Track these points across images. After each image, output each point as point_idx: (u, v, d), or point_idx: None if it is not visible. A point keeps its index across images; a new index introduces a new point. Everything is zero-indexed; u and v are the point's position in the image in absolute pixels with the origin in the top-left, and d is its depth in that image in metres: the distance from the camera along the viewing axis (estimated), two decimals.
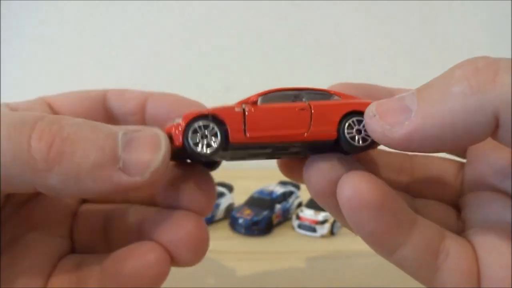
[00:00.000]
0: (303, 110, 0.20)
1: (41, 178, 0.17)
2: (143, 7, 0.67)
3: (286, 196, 0.47)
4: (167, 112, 0.24)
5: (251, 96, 0.20)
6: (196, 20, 0.68)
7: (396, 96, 0.18)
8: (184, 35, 0.68)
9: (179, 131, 0.19)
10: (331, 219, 0.41)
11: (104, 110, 0.26)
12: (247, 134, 0.19)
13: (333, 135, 0.19)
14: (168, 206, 0.22)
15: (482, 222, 0.21)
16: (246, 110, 0.20)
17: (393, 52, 0.69)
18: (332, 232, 0.41)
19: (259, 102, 0.20)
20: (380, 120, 0.18)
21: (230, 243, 0.41)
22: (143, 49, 0.68)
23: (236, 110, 0.20)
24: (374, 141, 0.19)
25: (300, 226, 0.42)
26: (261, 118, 0.20)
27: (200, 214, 0.22)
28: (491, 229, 0.20)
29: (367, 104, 0.19)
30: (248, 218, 0.42)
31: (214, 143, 0.19)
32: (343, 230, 0.43)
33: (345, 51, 0.69)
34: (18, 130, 0.17)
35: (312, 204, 0.44)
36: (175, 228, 0.21)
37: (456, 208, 0.23)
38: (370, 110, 0.19)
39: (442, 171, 0.23)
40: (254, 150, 0.20)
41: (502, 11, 0.67)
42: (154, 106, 0.25)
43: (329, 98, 0.21)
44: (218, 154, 0.19)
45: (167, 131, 0.20)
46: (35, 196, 0.23)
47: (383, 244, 0.19)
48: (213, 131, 0.19)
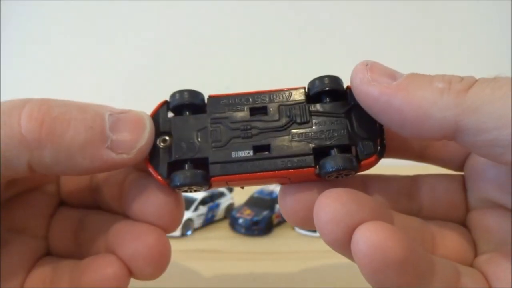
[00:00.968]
0: None
1: (34, 156, 0.18)
2: (143, 7, 0.67)
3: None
4: None
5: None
6: (196, 20, 0.68)
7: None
8: (184, 35, 0.68)
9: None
10: None
11: None
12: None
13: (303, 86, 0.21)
14: (134, 217, 0.22)
15: (493, 246, 0.21)
16: None
17: (392, 51, 0.69)
18: None
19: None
20: (368, 70, 0.19)
21: (230, 243, 0.41)
22: (143, 49, 0.68)
23: None
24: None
25: None
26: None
27: (164, 230, 0.22)
28: (503, 256, 0.19)
29: None
30: (248, 218, 0.42)
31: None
32: None
33: (345, 51, 0.69)
34: (7, 114, 0.17)
35: None
36: (135, 241, 0.21)
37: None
38: (364, 60, 0.20)
39: (449, 190, 0.23)
40: (230, 106, 0.21)
41: (502, 11, 0.67)
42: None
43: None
44: (195, 94, 0.21)
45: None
46: (14, 196, 0.23)
47: None
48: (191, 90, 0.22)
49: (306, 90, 0.21)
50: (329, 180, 0.20)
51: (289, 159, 0.20)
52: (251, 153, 0.20)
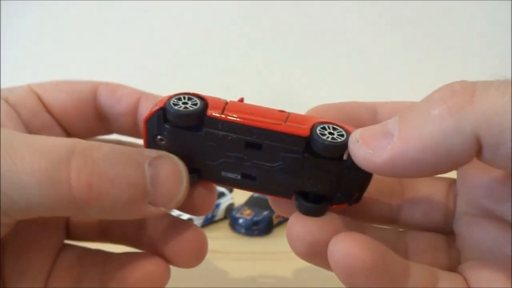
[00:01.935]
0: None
1: (80, 212, 0.19)
2: (143, 7, 0.67)
3: None
4: None
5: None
6: (196, 20, 0.68)
7: (380, 123, 0.18)
8: (184, 34, 0.68)
9: (167, 96, 0.21)
10: None
11: (94, 107, 0.26)
12: (224, 112, 0.20)
13: (305, 133, 0.20)
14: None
15: (478, 254, 0.21)
16: (228, 100, 0.21)
17: (393, 51, 0.69)
18: None
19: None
20: (363, 145, 0.18)
21: (230, 243, 0.41)
22: (143, 49, 0.68)
23: (220, 99, 0.21)
24: (345, 143, 0.19)
25: None
26: (240, 107, 0.21)
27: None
28: (487, 264, 0.19)
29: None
30: (248, 218, 0.42)
31: (190, 107, 0.20)
32: None
33: (345, 51, 0.69)
34: (56, 169, 0.17)
35: None
36: (178, 238, 0.23)
37: (446, 232, 0.23)
38: (354, 136, 0.19)
39: (432, 192, 0.23)
40: (226, 134, 0.20)
41: (502, 11, 0.67)
42: (147, 109, 0.25)
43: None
44: (190, 119, 0.20)
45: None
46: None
47: None
48: (194, 101, 0.21)
49: (307, 141, 0.20)
50: None
51: (271, 191, 0.22)
52: (239, 177, 0.21)
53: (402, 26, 0.69)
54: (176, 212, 0.25)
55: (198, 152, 0.21)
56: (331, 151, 0.19)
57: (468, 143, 0.16)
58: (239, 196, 0.47)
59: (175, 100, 0.20)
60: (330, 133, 0.20)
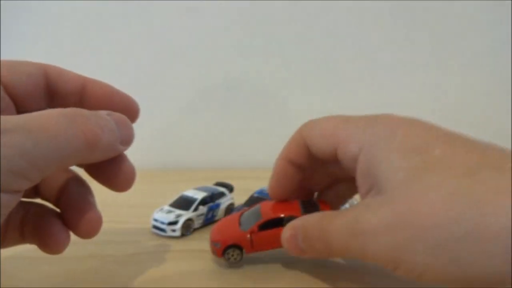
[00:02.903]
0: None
1: (90, 153, 0.24)
2: (144, 8, 0.67)
3: None
4: (102, 101, 0.29)
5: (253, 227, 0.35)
6: (196, 21, 0.68)
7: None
8: (184, 35, 0.68)
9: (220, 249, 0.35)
10: None
11: (45, 87, 0.29)
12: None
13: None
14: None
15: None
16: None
17: (392, 51, 0.69)
18: None
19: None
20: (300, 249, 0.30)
21: None
22: (143, 49, 0.68)
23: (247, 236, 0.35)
24: None
25: None
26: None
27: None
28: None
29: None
30: None
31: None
32: None
33: (345, 51, 0.69)
34: (73, 126, 0.23)
35: None
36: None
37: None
38: (290, 233, 0.31)
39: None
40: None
41: (502, 11, 0.67)
42: (92, 93, 0.30)
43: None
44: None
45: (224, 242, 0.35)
46: None
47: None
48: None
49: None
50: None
51: None
52: None
53: (402, 27, 0.69)
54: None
55: None
56: None
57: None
58: (239, 196, 0.47)
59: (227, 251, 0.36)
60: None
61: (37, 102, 0.28)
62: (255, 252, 0.35)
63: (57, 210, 0.28)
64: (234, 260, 0.35)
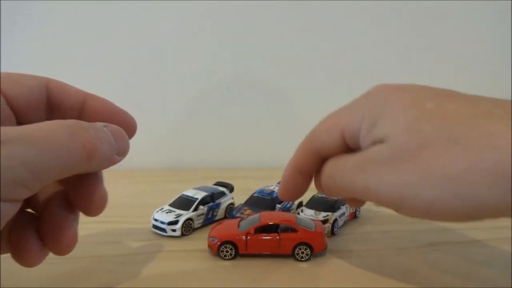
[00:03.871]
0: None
1: (88, 164, 0.25)
2: (143, 7, 0.67)
3: None
4: (101, 116, 0.29)
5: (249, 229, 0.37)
6: (196, 20, 0.68)
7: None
8: (184, 35, 0.68)
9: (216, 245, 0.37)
10: (331, 219, 0.41)
11: (46, 101, 0.29)
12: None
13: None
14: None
15: None
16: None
17: (392, 50, 0.69)
18: (332, 232, 0.41)
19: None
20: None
21: None
22: (143, 49, 0.68)
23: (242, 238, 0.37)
24: None
25: None
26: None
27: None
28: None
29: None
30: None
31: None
32: (343, 230, 0.43)
33: (345, 51, 0.69)
34: (73, 138, 0.24)
35: (313, 204, 0.44)
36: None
37: None
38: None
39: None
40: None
41: (502, 11, 0.67)
42: (92, 108, 0.30)
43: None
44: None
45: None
46: None
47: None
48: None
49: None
50: None
51: None
52: None
53: (401, 26, 0.69)
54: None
55: None
56: None
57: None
58: (240, 196, 0.47)
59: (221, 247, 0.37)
60: None
61: (37, 114, 0.28)
62: (249, 253, 0.37)
63: (35, 224, 0.28)
64: (228, 257, 0.37)
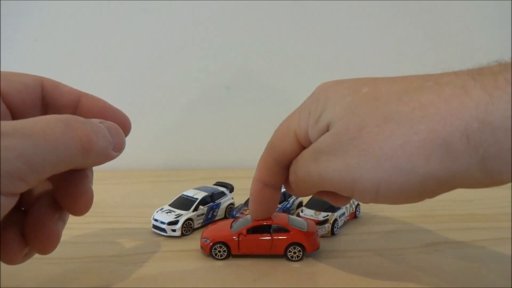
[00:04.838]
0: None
1: (84, 160, 0.25)
2: (143, 7, 0.67)
3: (286, 196, 0.47)
4: (96, 115, 0.29)
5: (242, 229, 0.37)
6: (196, 20, 0.68)
7: None
8: (184, 35, 0.68)
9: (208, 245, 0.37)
10: (331, 219, 0.41)
11: (41, 98, 0.30)
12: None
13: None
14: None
15: None
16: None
17: (392, 51, 0.69)
18: (332, 232, 0.41)
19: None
20: None
21: None
22: (143, 49, 0.68)
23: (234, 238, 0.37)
24: None
25: None
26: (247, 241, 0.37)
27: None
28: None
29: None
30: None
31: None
32: (343, 230, 0.43)
33: (345, 51, 0.69)
34: (70, 131, 0.24)
35: (313, 204, 0.44)
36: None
37: None
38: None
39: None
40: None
41: (502, 11, 0.67)
42: (86, 107, 0.30)
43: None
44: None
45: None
46: None
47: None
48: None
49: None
50: None
51: None
52: None
53: (401, 26, 0.69)
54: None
55: None
56: None
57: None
58: (239, 196, 0.47)
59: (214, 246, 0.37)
60: None
61: (32, 112, 0.29)
62: (241, 253, 0.37)
63: (20, 221, 0.27)
64: (220, 257, 0.37)
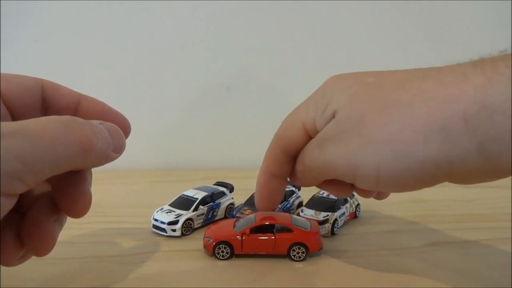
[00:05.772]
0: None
1: (83, 161, 0.25)
2: (143, 7, 0.67)
3: (286, 196, 0.47)
4: (95, 117, 0.29)
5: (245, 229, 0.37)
6: (196, 20, 0.68)
7: None
8: (184, 35, 0.68)
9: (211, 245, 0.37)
10: (331, 219, 0.41)
11: (42, 100, 0.30)
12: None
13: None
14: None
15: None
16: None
17: (393, 51, 0.69)
18: (332, 232, 0.41)
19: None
20: None
21: None
22: (143, 49, 0.68)
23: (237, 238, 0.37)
24: None
25: None
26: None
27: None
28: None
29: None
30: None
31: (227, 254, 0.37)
32: (343, 230, 0.43)
33: (345, 51, 0.69)
34: (69, 132, 0.24)
35: (313, 204, 0.44)
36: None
37: None
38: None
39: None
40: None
41: (502, 11, 0.67)
42: (86, 109, 0.30)
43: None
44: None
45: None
46: None
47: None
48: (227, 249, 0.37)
49: None
50: None
51: None
52: None
53: (401, 25, 0.69)
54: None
55: None
56: None
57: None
58: (240, 196, 0.47)
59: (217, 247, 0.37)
60: None
61: (33, 114, 0.29)
62: (244, 253, 0.37)
63: (17, 222, 0.27)
64: (223, 257, 0.37)
